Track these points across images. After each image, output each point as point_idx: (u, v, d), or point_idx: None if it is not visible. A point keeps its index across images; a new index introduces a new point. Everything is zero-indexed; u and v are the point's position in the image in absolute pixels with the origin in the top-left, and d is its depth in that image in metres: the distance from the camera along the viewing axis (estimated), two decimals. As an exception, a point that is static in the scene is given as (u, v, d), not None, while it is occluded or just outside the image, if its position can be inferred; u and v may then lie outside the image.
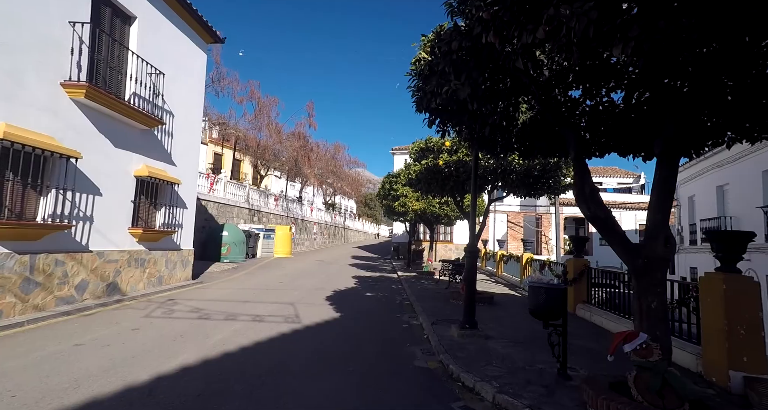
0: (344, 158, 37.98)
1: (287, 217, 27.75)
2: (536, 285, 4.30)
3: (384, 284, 12.82)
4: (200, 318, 6.54)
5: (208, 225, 18.39)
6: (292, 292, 9.95)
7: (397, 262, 22.25)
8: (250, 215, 23.05)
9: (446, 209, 13.68)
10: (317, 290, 10.35)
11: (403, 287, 11.85)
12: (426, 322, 6.82)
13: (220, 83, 19.37)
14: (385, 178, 15.38)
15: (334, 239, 38.73)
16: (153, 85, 8.49)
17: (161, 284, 9.12)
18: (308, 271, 15.70)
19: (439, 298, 9.65)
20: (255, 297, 8.86)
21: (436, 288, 11.56)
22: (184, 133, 9.96)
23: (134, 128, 8.08)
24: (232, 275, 12.93)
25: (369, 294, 10.41)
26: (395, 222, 25.23)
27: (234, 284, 10.76)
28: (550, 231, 27.59)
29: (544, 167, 7.38)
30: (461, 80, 3.84)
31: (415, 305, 8.61)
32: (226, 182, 20.66)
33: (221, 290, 9.76)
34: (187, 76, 10.04)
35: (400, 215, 14.78)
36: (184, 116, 9.98)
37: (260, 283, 11.35)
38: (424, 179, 8.13)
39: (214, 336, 5.56)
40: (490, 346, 5.42)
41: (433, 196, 9.51)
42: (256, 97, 22.14)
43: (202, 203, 18.08)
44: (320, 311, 7.67)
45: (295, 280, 12.53)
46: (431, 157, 8.07)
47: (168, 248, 9.48)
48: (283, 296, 9.28)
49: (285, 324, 6.50)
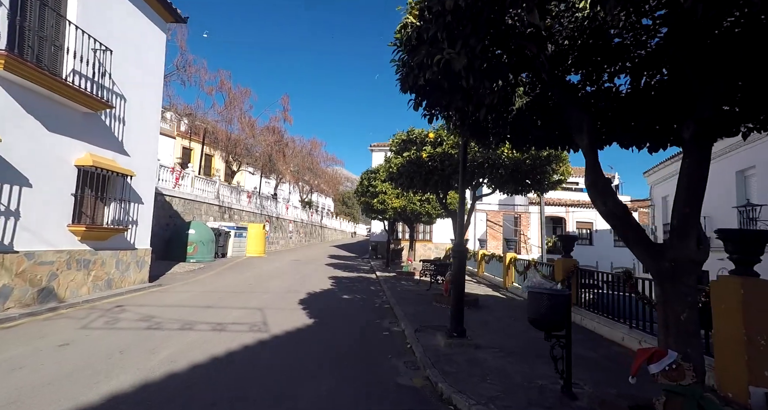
0: (321, 155, 36.99)
1: (261, 215, 26.59)
2: (537, 291, 3.73)
3: (362, 285, 12.14)
4: (149, 328, 5.66)
5: (173, 223, 17.15)
6: (262, 295, 9.12)
7: (376, 261, 21.60)
8: (220, 212, 21.83)
9: (427, 207, 13.13)
10: (289, 293, 9.56)
11: (383, 289, 11.21)
12: (409, 329, 6.20)
13: (186, 71, 18.05)
14: (363, 174, 14.67)
15: (310, 238, 37.68)
16: (99, 63, 7.46)
17: (110, 287, 8.10)
18: (282, 271, 14.81)
19: (421, 301, 9.06)
20: (219, 302, 7.99)
21: (418, 290, 10.99)
22: (139, 119, 8.93)
23: (75, 111, 7.04)
24: (197, 276, 11.92)
25: (346, 297, 9.71)
26: (373, 221, 24.58)
27: (197, 287, 9.81)
28: (529, 230, 27.67)
29: (534, 161, 6.90)
30: (456, 49, 3.21)
31: (395, 309, 7.98)
32: (194, 177, 19.40)
33: (182, 293, 8.81)
34: (142, 56, 9.00)
35: (379, 213, 14.13)
36: (140, 101, 8.94)
37: (227, 285, 10.44)
38: (406, 172, 7.51)
39: (162, 350, 4.73)
40: (481, 357, 4.85)
41: (414, 192, 8.90)
42: (226, 88, 20.91)
43: (167, 199, 16.83)
44: (291, 317, 6.92)
45: (267, 281, 11.67)
46: (414, 149, 7.45)
47: (119, 248, 8.45)
48: (251, 300, 8.44)
49: (250, 333, 5.73)
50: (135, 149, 8.78)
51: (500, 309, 8.57)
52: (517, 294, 10.83)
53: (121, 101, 8.30)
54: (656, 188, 20.78)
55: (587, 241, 28.55)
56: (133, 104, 8.70)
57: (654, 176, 20.61)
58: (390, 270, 16.45)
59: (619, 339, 5.72)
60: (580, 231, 28.51)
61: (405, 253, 23.86)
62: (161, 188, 16.36)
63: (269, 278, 12.46)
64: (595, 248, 27.99)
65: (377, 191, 13.28)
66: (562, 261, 7.96)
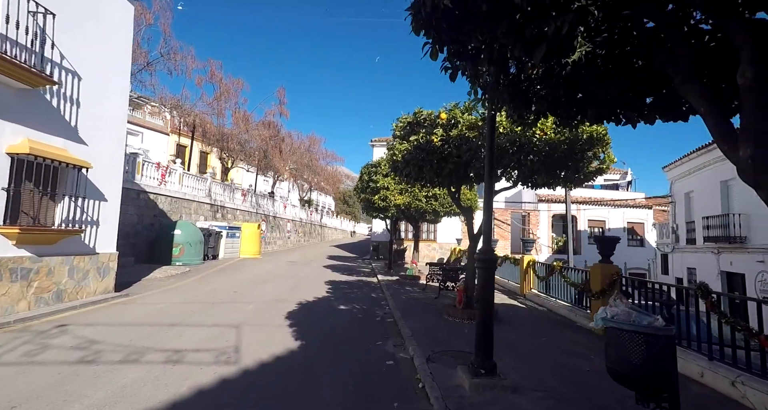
0: (320, 152, 35.70)
1: (257, 214, 25.32)
2: (628, 329, 2.40)
3: (362, 291, 10.83)
4: (81, 362, 4.35)
5: (158, 222, 15.88)
6: (245, 307, 7.81)
7: (377, 263, 20.29)
8: (212, 211, 20.55)
9: (434, 204, 11.78)
10: (278, 304, 8.25)
11: (385, 296, 9.90)
12: (419, 356, 4.87)
13: (171, 58, 16.67)
14: (363, 168, 13.33)
15: (309, 238, 36.41)
16: (39, 29, 6.14)
17: (60, 300, 6.80)
18: (275, 275, 13.52)
19: (430, 312, 7.74)
20: (189, 317, 6.68)
21: (425, 298, 9.67)
22: (99, 102, 7.61)
23: (5, 87, 5.73)
24: (178, 282, 10.62)
25: (343, 307, 8.40)
26: (375, 219, 23.26)
27: (172, 296, 8.51)
28: (539, 229, 26.28)
29: (573, 144, 5.53)
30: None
31: (401, 325, 6.66)
32: (183, 174, 18.10)
33: (149, 306, 7.51)
34: (102, 29, 7.68)
35: (381, 210, 12.80)
36: (101, 81, 7.63)
37: (208, 293, 9.14)
38: (414, 161, 6.16)
39: (79, 400, 3.42)
40: (524, 409, 3.51)
41: (422, 185, 7.54)
42: (217, 79, 19.54)
43: (151, 197, 15.56)
44: (272, 338, 5.60)
45: (255, 287, 10.37)
46: (422, 132, 6.11)
47: (74, 253, 7.15)
48: (230, 313, 7.13)
49: (213, 366, 4.41)
50: (94, 136, 7.47)
51: (526, 324, 7.24)
52: (537, 303, 9.49)
53: (73, 79, 6.98)
54: (678, 184, 19.36)
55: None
56: (92, 84, 7.38)
57: (675, 171, 19.18)
58: (392, 273, 15.13)
59: (695, 375, 4.37)
60: (592, 230, 27.12)
61: (409, 254, 22.53)
62: (145, 185, 15.08)
63: (259, 284, 11.16)
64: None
65: (378, 187, 11.94)
66: (600, 267, 6.62)
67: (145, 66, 16.11)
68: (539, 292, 9.96)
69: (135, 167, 14.75)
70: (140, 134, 30.27)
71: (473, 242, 7.67)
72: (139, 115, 29.93)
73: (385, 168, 12.19)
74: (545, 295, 9.54)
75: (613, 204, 26.73)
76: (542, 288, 9.85)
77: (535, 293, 10.06)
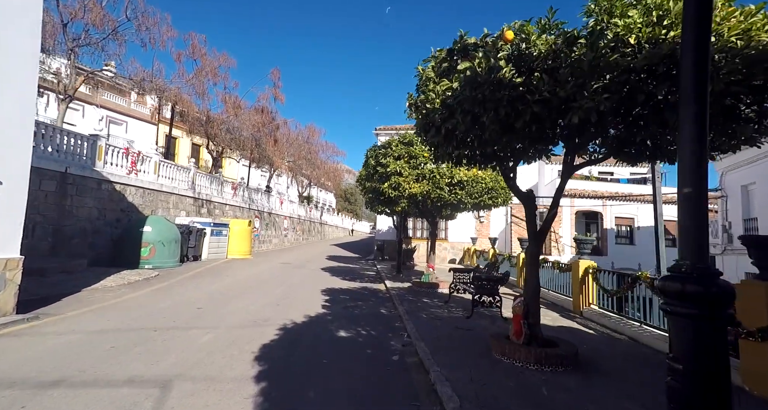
0: (320, 144, 33.24)
1: (249, 209, 22.88)
2: None
3: (368, 305, 8.37)
4: None
5: (126, 218, 13.46)
6: (200, 338, 5.35)
7: (382, 264, 17.84)
8: (196, 205, 18.10)
9: (459, 193, 9.27)
10: (251, 330, 5.80)
11: (399, 314, 7.44)
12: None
13: (142, 24, 14.05)
14: (369, 151, 10.80)
15: (309, 236, 33.99)
16: None
17: None
18: (261, 280, 11.09)
19: (471, 346, 5.27)
20: (101, 361, 4.23)
21: (453, 317, 7.19)
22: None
23: None
24: (130, 293, 8.19)
25: (343, 334, 5.93)
26: (379, 216, 20.76)
27: (102, 319, 6.06)
28: (561, 227, 23.75)
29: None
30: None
31: (434, 375, 4.19)
32: (160, 162, 15.64)
33: (50, 339, 5.05)
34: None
35: (389, 203, 10.32)
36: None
37: (161, 311, 6.69)
38: (467, 102, 3.56)
39: None
40: None
41: (466, 156, 4.93)
42: (200, 54, 17.00)
43: (117, 188, 13.13)
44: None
45: (229, 301, 7.92)
46: (480, 57, 3.57)
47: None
48: (167, 352, 4.67)
49: None
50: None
51: (624, 370, 4.72)
52: (607, 326, 6.96)
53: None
54: (731, 175, 16.79)
55: (627, 239, 24.65)
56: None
57: (728, 161, 16.62)
58: (402, 278, 12.67)
59: None
60: (619, 228, 24.60)
61: (419, 254, 20.06)
62: (108, 173, 12.63)
63: (237, 295, 8.72)
64: (637, 247, 24.13)
65: (389, 172, 9.42)
66: (762, 288, 4.09)
67: (111, 33, 13.59)
68: (605, 310, 7.47)
69: (95, 152, 12.30)
70: (124, 124, 27.81)
71: (535, 244, 5.20)
72: (123, 102, 27.50)
73: (398, 149, 9.67)
74: (617, 315, 7.05)
75: (641, 200, 24.17)
76: (609, 305, 7.36)
77: (598, 312, 7.55)
